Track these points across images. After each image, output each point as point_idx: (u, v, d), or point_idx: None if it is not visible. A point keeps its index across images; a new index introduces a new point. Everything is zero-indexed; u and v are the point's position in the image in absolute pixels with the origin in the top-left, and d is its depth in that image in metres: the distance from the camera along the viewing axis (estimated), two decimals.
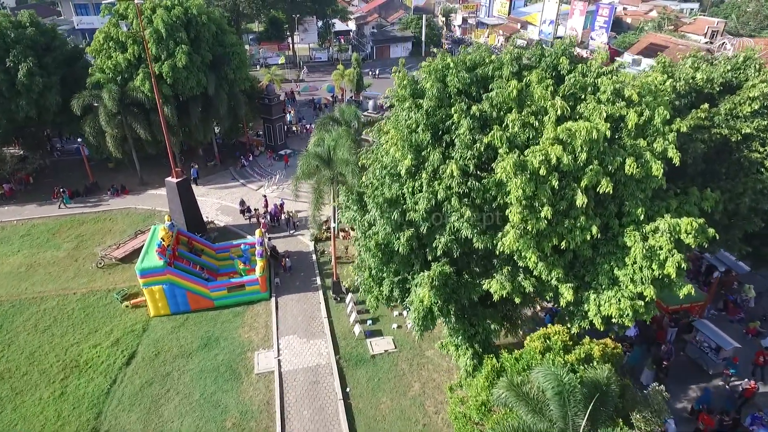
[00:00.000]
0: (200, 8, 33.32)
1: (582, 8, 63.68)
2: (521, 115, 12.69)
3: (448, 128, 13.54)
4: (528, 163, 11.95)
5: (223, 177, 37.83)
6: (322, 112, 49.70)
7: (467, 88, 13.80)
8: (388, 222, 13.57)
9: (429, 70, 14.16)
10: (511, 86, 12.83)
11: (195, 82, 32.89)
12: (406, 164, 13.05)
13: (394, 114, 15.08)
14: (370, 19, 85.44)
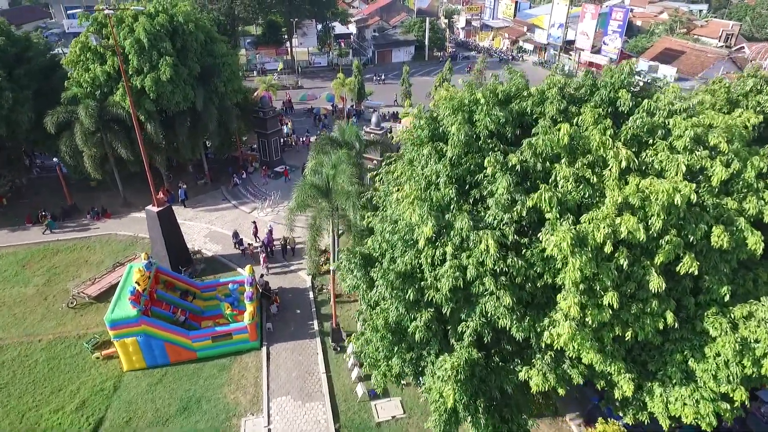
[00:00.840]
0: (187, 16, 30.42)
1: (594, 11, 60.72)
2: (575, 168, 9.78)
3: (478, 182, 10.64)
4: (588, 236, 9.05)
5: (214, 197, 34.91)
6: (322, 123, 46.86)
7: (501, 128, 10.89)
8: (401, 302, 10.69)
9: (452, 107, 11.24)
10: (561, 131, 9.91)
11: (181, 97, 30.00)
12: (427, 233, 10.14)
13: (408, 159, 12.18)
14: (371, 22, 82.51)
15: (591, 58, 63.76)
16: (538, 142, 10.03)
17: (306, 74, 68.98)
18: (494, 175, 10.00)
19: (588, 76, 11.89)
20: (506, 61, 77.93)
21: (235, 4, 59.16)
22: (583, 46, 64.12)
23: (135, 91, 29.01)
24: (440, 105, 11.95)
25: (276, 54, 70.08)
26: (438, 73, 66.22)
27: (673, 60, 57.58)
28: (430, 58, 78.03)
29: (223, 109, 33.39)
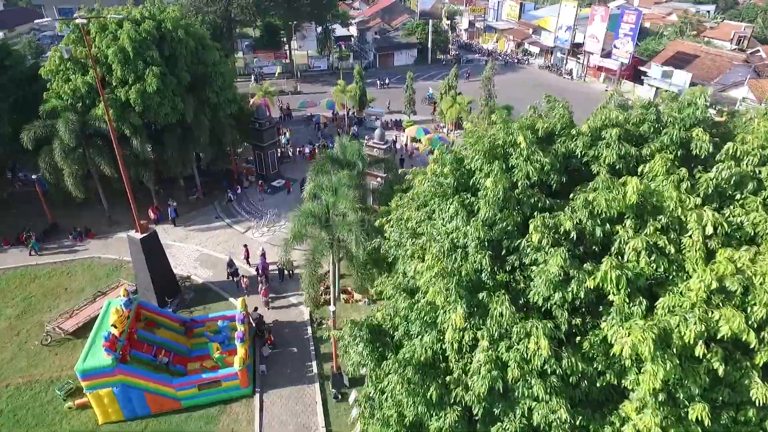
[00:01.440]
0: (175, 22, 28.21)
1: (604, 14, 58.48)
2: (645, 236, 7.57)
3: (518, 247, 8.43)
4: (673, 333, 6.84)
5: (206, 215, 32.68)
6: (321, 133, 44.63)
7: (545, 176, 8.68)
8: (420, 401, 8.50)
9: (483, 149, 9.01)
10: (628, 188, 7.68)
11: (170, 109, 27.80)
12: (457, 322, 7.91)
13: (428, 210, 9.96)
14: (373, 24, 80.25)
15: (601, 62, 61.53)
16: (597, 200, 7.82)
17: (305, 78, 66.73)
18: (540, 241, 7.81)
19: (651, 110, 9.61)
20: (511, 64, 75.70)
21: (232, 6, 56.91)
22: (592, 50, 61.89)
23: (120, 104, 26.84)
24: (467, 143, 9.75)
25: (274, 57, 67.83)
26: (441, 78, 63.92)
27: (687, 64, 55.32)
28: (432, 61, 75.79)
29: (215, 121, 31.21)
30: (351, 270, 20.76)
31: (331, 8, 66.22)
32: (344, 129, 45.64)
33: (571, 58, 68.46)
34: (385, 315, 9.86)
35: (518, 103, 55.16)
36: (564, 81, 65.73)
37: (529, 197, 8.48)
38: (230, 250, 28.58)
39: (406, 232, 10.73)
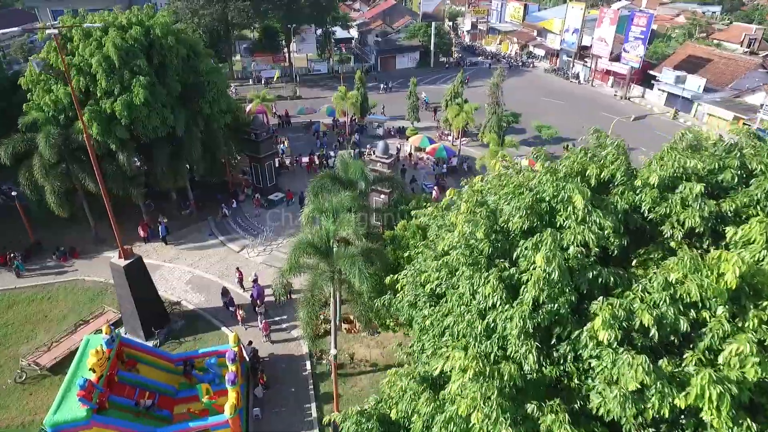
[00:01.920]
0: (165, 28, 26.36)
1: (613, 16, 56.65)
2: (752, 331, 5.74)
3: (570, 335, 6.60)
4: None
5: (199, 232, 30.83)
6: (320, 141, 42.78)
7: (604, 241, 6.84)
8: None
9: (524, 205, 7.15)
10: (727, 271, 5.84)
11: (159, 121, 25.98)
12: None
13: (449, 267, 8.13)
14: (374, 26, 78.45)
15: (609, 66, 59.69)
16: (686, 287, 5.99)
17: (305, 82, 64.92)
18: (608, 339, 5.99)
19: (734, 154, 7.73)
20: (515, 67, 73.86)
21: (229, 9, 55.11)
22: (600, 53, 60.07)
23: (105, 116, 25.01)
24: (500, 192, 7.91)
25: (273, 61, 66.07)
26: (445, 82, 62.00)
27: (699, 69, 53.51)
28: (435, 65, 73.98)
29: (208, 132, 29.39)
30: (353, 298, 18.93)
31: (331, 10, 64.41)
32: (345, 137, 43.84)
33: (577, 61, 66.65)
34: (400, 413, 7.99)
35: (525, 109, 53.45)
36: (571, 85, 63.91)
37: (585, 269, 6.69)
38: (223, 269, 26.82)
39: (423, 296, 8.93)
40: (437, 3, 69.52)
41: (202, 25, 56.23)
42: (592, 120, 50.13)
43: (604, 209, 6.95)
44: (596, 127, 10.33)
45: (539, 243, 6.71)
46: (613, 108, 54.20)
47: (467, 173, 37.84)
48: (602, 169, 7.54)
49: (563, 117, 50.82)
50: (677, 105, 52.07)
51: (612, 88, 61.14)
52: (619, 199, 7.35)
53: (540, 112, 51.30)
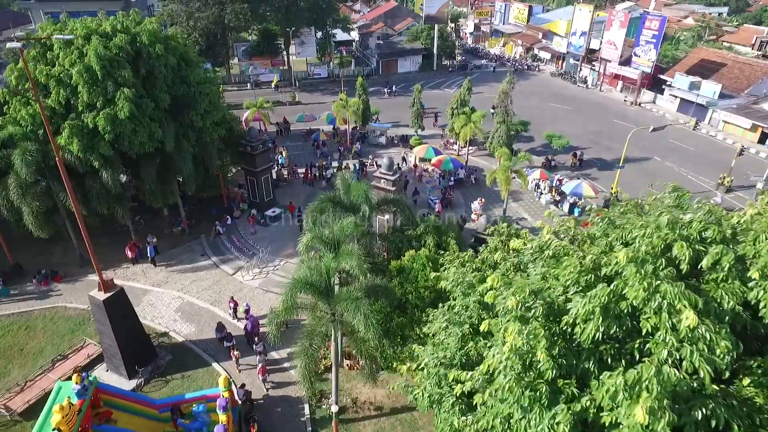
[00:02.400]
0: (153, 36, 24.49)
1: (623, 19, 54.73)
2: None
3: None
4: None
5: (191, 251, 28.93)
6: (321, 152, 40.91)
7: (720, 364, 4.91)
8: None
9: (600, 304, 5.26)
10: None
11: (146, 136, 24.09)
12: None
13: None
14: (375, 29, 76.57)
15: (619, 70, 57.75)
16: None
17: (304, 87, 63.07)
18: None
19: None
20: (520, 71, 71.95)
21: (225, 12, 53.21)
22: (609, 57, 58.13)
23: (86, 132, 23.14)
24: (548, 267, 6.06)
25: (272, 65, 64.21)
26: (449, 86, 59.99)
27: (713, 74, 51.59)
28: (438, 68, 72.11)
29: (201, 147, 27.52)
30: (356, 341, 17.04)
31: (331, 13, 62.48)
32: (346, 146, 41.95)
33: (585, 65, 64.72)
34: None
35: (532, 114, 51.52)
36: (578, 90, 61.98)
37: (693, 408, 4.77)
38: (216, 297, 24.95)
39: (449, 396, 7.04)
40: (440, 5, 67.63)
41: (197, 28, 54.41)
42: (604, 127, 48.28)
43: (710, 314, 5.06)
44: (675, 184, 8.28)
45: (636, 382, 4.79)
46: (624, 114, 52.31)
47: (475, 186, 35.94)
48: (696, 250, 5.65)
49: (572, 124, 48.94)
50: (691, 112, 50.15)
51: (621, 93, 59.23)
52: (724, 295, 5.47)
53: (547, 119, 49.42)
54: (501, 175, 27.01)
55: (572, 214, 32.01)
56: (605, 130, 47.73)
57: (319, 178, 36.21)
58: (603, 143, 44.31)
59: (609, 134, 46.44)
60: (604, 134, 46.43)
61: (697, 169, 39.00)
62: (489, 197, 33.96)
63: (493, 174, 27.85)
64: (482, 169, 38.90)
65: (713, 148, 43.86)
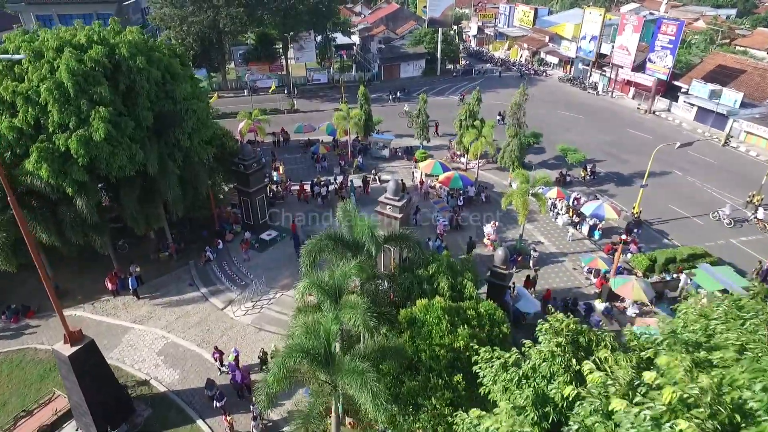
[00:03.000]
0: (134, 47, 22.05)
1: (636, 23, 52.30)
2: None
3: None
4: None
5: (179, 280, 26.49)
6: (320, 165, 38.48)
7: None
8: None
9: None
10: None
11: (126, 159, 21.65)
12: None
13: None
14: (377, 32, 74.17)
15: (632, 77, 55.32)
16: None
17: (304, 93, 60.71)
18: None
19: None
20: (527, 75, 69.54)
21: (220, 15, 50.77)
22: (621, 63, 55.69)
23: (59, 155, 20.70)
24: None
25: (270, 70, 61.86)
26: (454, 92, 57.42)
27: (732, 81, 49.18)
28: (442, 73, 69.73)
29: (189, 168, 25.10)
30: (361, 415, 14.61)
31: (331, 16, 60.05)
32: (347, 160, 39.53)
33: (595, 70, 62.32)
34: None
35: (541, 123, 49.15)
36: (589, 96, 59.55)
37: None
38: (204, 337, 22.52)
39: None
40: (444, 8, 65.20)
41: (191, 33, 52.02)
42: (618, 138, 45.80)
43: None
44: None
45: None
46: (638, 124, 49.89)
47: (485, 205, 33.48)
48: None
49: (584, 134, 46.55)
50: (709, 121, 47.76)
51: (634, 100, 56.81)
52: None
53: (558, 128, 47.00)
54: (518, 199, 24.58)
55: (592, 236, 29.61)
56: (620, 140, 45.29)
57: (314, 196, 33.68)
58: (618, 155, 41.88)
59: (624, 145, 44.02)
60: (619, 145, 43.99)
61: (722, 185, 36.56)
62: (501, 217, 31.54)
63: (508, 198, 25.41)
64: (492, 185, 36.48)
65: (737, 162, 41.42)
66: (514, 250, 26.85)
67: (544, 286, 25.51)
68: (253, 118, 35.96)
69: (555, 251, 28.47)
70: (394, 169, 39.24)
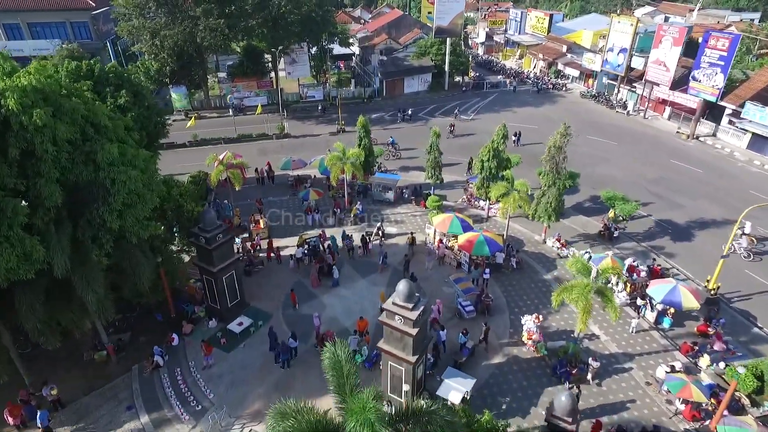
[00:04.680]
0: (27, 96, 15.15)
1: (677, 35, 45.43)
2: None
3: None
4: None
5: (114, 402, 19.54)
6: (312, 216, 31.58)
7: None
8: None
9: None
10: None
11: (15, 260, 14.77)
12: None
13: None
14: (378, 41, 67.37)
15: (672, 96, 48.38)
16: None
17: (295, 113, 53.97)
18: None
19: None
20: (544, 90, 62.65)
21: (198, 28, 43.92)
22: (657, 79, 48.78)
23: None
24: None
25: (258, 87, 55.06)
26: (464, 111, 49.94)
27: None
28: (450, 87, 62.91)
29: (121, 254, 18.23)
30: None
31: (327, 27, 53.22)
32: (343, 206, 32.66)
33: (623, 86, 55.43)
34: None
35: (574, 152, 41.09)
36: (618, 117, 52.63)
37: None
38: None
39: None
40: (453, 16, 58.36)
41: (166, 47, 45.19)
42: (663, 172, 38.49)
43: None
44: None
45: None
46: (682, 152, 42.98)
47: (517, 274, 26.57)
48: None
49: (621, 166, 39.69)
50: (767, 150, 40.92)
51: (670, 121, 49.93)
52: None
53: (589, 159, 40.12)
54: (577, 299, 17.69)
55: (660, 323, 22.73)
56: (665, 175, 38.39)
57: (298, 262, 26.88)
58: (669, 197, 34.99)
59: (673, 182, 37.15)
60: (667, 183, 37.09)
61: None
62: (538, 294, 24.70)
63: (560, 294, 18.52)
64: (522, 242, 29.61)
65: None
66: (564, 357, 19.99)
67: (601, 401, 18.67)
68: (225, 162, 28.85)
69: (616, 350, 21.54)
70: (401, 218, 32.37)
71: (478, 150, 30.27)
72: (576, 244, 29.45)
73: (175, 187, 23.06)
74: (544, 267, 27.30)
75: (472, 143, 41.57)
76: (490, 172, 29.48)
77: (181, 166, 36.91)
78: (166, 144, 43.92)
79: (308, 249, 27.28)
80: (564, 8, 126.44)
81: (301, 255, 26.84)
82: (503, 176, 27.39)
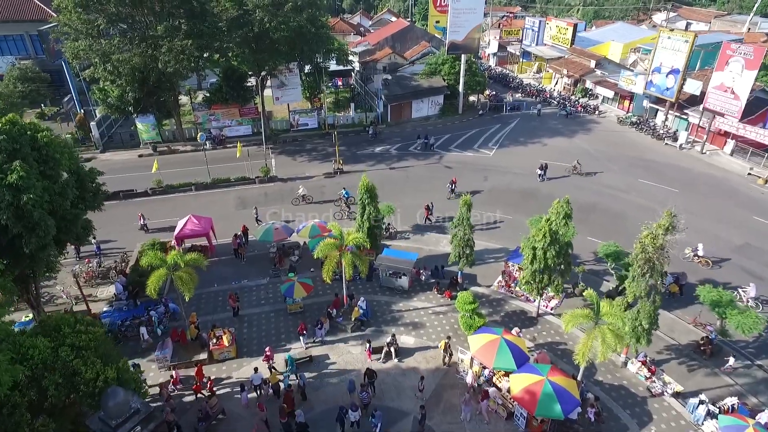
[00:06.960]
0: None
1: (752, 56, 36.91)
2: None
3: None
4: None
5: None
6: (302, 336, 22.89)
7: None
8: None
9: None
10: None
11: None
12: None
13: None
14: (381, 56, 58.84)
15: (741, 129, 39.83)
16: None
17: (285, 145, 45.49)
18: None
19: None
20: (574, 114, 54.06)
21: (159, 51, 35.30)
22: (722, 108, 40.24)
23: None
24: None
25: (240, 114, 46.44)
26: (481, 144, 38.29)
27: None
28: (465, 110, 54.39)
29: None
30: None
31: (321, 46, 44.63)
32: (340, 305, 24.01)
33: (672, 112, 46.91)
34: None
35: (626, 205, 33.02)
36: (669, 151, 43.95)
37: None
38: None
39: None
40: (470, 30, 49.83)
41: (122, 74, 36.57)
42: (749, 236, 28.99)
43: None
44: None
45: None
46: (762, 204, 34.38)
47: (596, 429, 17.93)
48: None
49: (698, 229, 30.75)
50: None
51: (734, 157, 41.40)
52: None
53: (647, 214, 31.47)
54: None
55: None
56: (754, 242, 29.77)
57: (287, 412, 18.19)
58: (763, 274, 26.46)
59: (765, 251, 28.62)
60: (759, 253, 28.52)
61: None
62: None
63: None
64: (594, 367, 20.95)
65: None
66: None
67: None
68: (170, 263, 19.85)
69: None
70: (421, 320, 23.69)
71: (510, 197, 21.64)
72: (667, 365, 20.93)
73: (70, 336, 14.33)
74: (633, 414, 18.70)
75: (504, 187, 32.96)
76: (545, 263, 20.97)
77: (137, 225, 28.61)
78: (124, 193, 35.81)
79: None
80: (576, 13, 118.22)
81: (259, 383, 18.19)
82: (582, 289, 18.78)
